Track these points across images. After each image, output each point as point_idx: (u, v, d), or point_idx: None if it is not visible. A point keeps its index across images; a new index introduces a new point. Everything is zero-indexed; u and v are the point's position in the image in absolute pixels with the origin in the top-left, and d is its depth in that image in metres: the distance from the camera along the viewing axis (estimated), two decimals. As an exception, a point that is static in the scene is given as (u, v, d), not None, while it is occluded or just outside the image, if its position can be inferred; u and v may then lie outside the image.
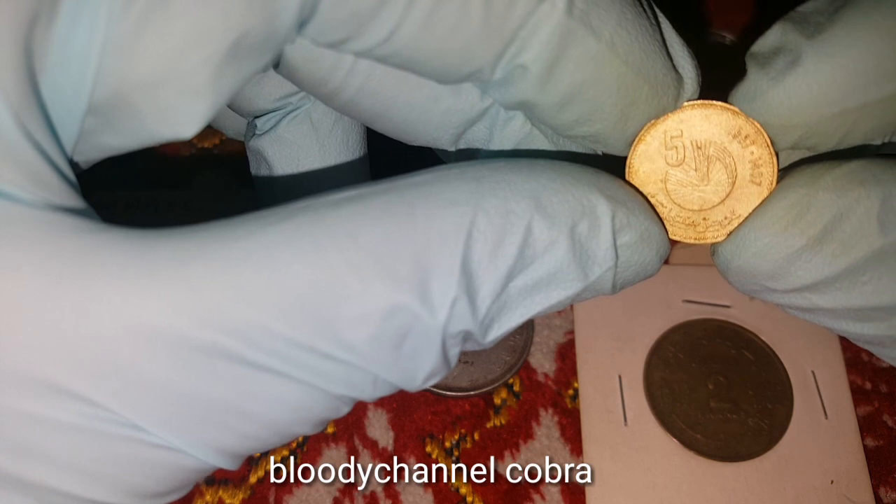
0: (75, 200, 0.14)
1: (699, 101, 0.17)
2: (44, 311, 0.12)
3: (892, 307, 0.16)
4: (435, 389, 0.29)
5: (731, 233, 0.17)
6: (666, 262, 0.33)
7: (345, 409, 0.15)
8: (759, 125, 0.16)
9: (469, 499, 0.28)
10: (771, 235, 0.16)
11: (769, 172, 0.17)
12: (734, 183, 0.17)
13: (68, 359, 0.12)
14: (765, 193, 0.17)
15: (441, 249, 0.14)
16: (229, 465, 0.14)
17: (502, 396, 0.30)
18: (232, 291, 0.13)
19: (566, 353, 0.31)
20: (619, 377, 0.30)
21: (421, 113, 0.18)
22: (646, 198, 0.17)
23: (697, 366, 0.30)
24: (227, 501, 0.28)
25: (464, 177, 0.15)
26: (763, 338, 0.31)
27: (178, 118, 0.15)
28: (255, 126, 0.22)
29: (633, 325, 0.31)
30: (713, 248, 0.17)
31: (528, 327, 0.31)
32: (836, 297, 0.16)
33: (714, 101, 0.17)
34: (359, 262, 0.13)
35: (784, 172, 0.17)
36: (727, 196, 0.17)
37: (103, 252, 0.13)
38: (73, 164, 0.16)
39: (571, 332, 0.31)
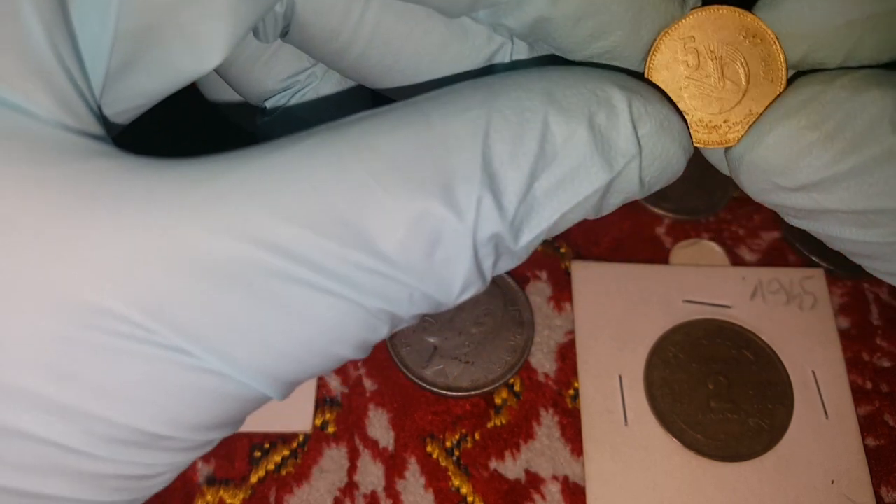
0: (99, 130, 0.14)
1: (707, 7, 0.17)
2: (74, 229, 0.12)
3: None
4: (435, 389, 0.30)
5: (747, 129, 0.17)
6: (666, 262, 0.33)
7: (383, 330, 0.15)
8: (765, 24, 0.17)
9: (469, 499, 0.28)
10: (784, 127, 0.16)
11: (779, 68, 0.17)
12: (748, 82, 0.17)
13: (103, 277, 0.12)
14: (777, 90, 0.17)
15: (460, 152, 0.14)
16: (275, 392, 0.14)
17: (503, 396, 0.30)
18: (261, 202, 0.13)
19: (566, 353, 0.31)
20: (620, 377, 0.30)
21: (430, 62, 0.18)
22: (663, 92, 0.17)
23: (697, 366, 0.30)
24: (228, 501, 0.28)
25: (475, 86, 0.15)
26: (763, 338, 0.31)
27: (200, 43, 0.15)
28: (265, 109, 0.22)
29: (633, 325, 0.31)
30: (726, 149, 0.18)
31: (528, 327, 0.31)
32: (842, 197, 0.16)
33: (721, 6, 0.17)
34: (381, 170, 0.14)
35: (797, 76, 0.17)
36: (744, 95, 0.17)
37: (133, 173, 0.13)
38: (108, 123, 0.16)
39: (572, 332, 0.32)
